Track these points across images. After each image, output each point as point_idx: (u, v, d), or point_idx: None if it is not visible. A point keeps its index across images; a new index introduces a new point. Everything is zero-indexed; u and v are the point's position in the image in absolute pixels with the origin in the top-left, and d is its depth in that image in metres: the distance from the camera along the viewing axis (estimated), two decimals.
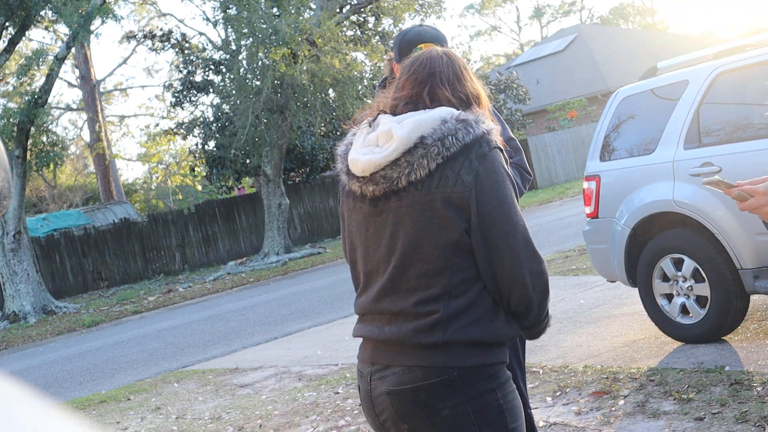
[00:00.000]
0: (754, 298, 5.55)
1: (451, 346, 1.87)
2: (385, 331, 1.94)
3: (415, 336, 1.89)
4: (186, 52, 21.80)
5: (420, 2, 20.93)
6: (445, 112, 1.93)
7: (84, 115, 32.15)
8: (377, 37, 21.26)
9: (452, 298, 1.88)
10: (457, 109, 1.96)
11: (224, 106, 20.24)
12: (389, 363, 1.92)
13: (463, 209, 1.87)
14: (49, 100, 19.05)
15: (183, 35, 22.12)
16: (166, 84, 23.22)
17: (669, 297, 5.18)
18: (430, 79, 2.02)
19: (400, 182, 1.89)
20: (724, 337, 4.99)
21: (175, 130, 23.50)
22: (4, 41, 15.62)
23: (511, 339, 1.97)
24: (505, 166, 1.92)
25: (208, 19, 21.05)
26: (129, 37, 24.86)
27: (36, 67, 15.64)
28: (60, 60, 15.98)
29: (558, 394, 4.53)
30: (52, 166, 16.73)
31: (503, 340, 1.95)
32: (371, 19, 21.49)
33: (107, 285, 20.06)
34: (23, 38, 17.15)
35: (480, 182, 1.86)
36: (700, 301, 5.00)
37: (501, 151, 1.94)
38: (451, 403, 1.87)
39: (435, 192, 1.87)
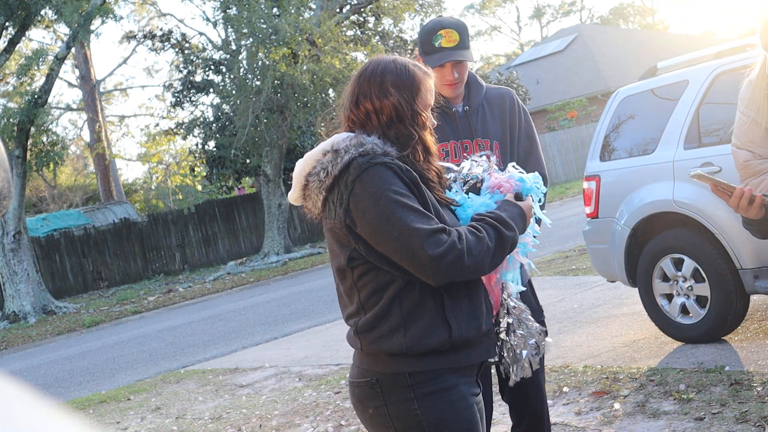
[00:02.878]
0: (754, 298, 5.55)
1: (372, 353, 2.02)
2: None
3: (350, 341, 2.12)
4: (186, 52, 21.80)
5: (420, 2, 20.93)
6: (330, 141, 2.05)
7: (84, 115, 32.15)
8: (377, 37, 21.25)
9: (365, 313, 2.02)
10: (366, 131, 2.04)
11: (224, 106, 20.25)
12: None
13: (343, 237, 1.99)
14: (49, 100, 19.05)
15: (183, 35, 22.12)
16: (166, 84, 23.22)
17: (669, 297, 5.18)
18: (347, 99, 2.13)
19: (313, 213, 2.07)
20: (724, 337, 4.99)
21: (175, 130, 23.49)
22: (4, 41, 15.62)
23: (441, 346, 1.97)
24: (380, 181, 1.93)
25: (208, 19, 21.07)
26: (129, 37, 24.87)
27: (36, 67, 15.65)
28: (60, 60, 15.98)
29: (558, 394, 4.53)
30: (52, 166, 16.73)
31: (423, 350, 1.97)
32: (371, 19, 21.49)
33: (107, 285, 20.05)
34: (23, 38, 17.16)
35: (353, 210, 1.94)
36: (700, 301, 5.00)
37: (383, 164, 1.95)
38: (374, 404, 2.03)
39: (326, 221, 2.03)
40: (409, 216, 1.91)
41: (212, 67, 21.16)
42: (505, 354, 2.24)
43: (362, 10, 20.24)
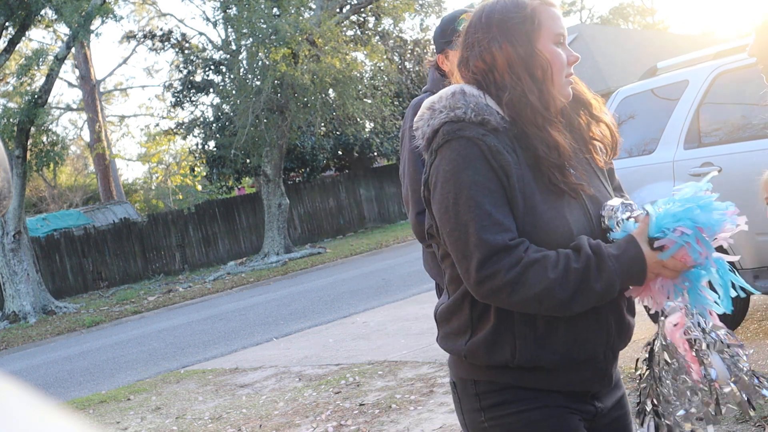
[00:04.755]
0: (754, 298, 5.55)
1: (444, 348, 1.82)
2: None
3: None
4: (186, 52, 21.81)
5: (420, 2, 20.92)
6: (438, 94, 1.74)
7: (84, 115, 32.15)
8: (377, 37, 21.25)
9: (448, 297, 1.77)
10: (483, 90, 1.71)
11: (224, 106, 20.25)
12: None
13: (427, 205, 1.75)
14: (49, 100, 19.06)
15: (183, 35, 22.13)
16: (166, 84, 23.23)
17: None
18: (461, 43, 1.79)
19: None
20: None
21: (175, 130, 23.51)
22: (4, 41, 15.61)
23: (502, 365, 1.67)
24: (457, 160, 1.63)
25: (208, 19, 21.06)
26: (129, 37, 24.88)
27: (36, 67, 15.63)
28: (60, 60, 15.97)
29: None
30: (52, 166, 16.73)
31: (480, 363, 1.70)
32: (371, 19, 21.49)
33: (107, 285, 20.05)
34: (23, 38, 17.16)
35: (429, 183, 1.70)
36: None
37: (469, 139, 1.63)
38: (457, 407, 1.83)
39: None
40: (475, 216, 1.60)
41: (212, 67, 21.17)
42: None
43: (362, 10, 20.24)
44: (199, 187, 32.13)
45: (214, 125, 21.27)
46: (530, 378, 1.69)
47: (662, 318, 1.73)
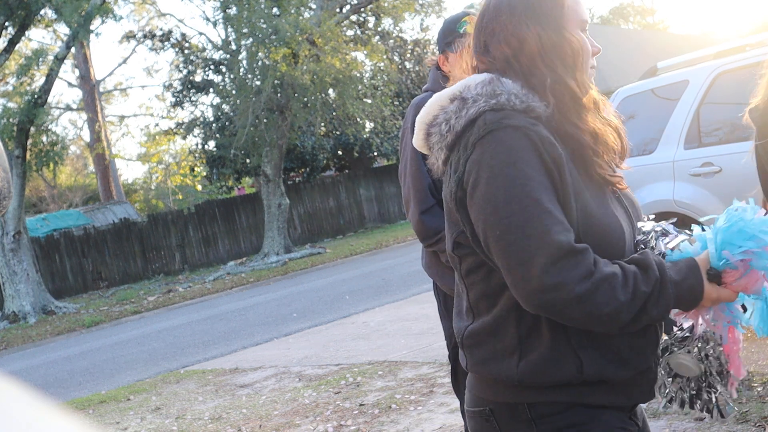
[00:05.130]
0: None
1: (481, 374, 1.57)
2: None
3: (460, 354, 1.64)
4: (186, 52, 21.81)
5: (420, 2, 20.92)
6: (462, 84, 1.56)
7: (84, 115, 32.15)
8: (377, 37, 21.25)
9: (473, 319, 1.56)
10: (507, 77, 1.53)
11: (224, 106, 20.26)
12: None
13: (453, 212, 1.54)
14: (49, 100, 19.05)
15: (183, 35, 22.13)
16: (166, 84, 23.25)
17: None
18: (477, 29, 1.61)
19: (437, 170, 1.61)
20: None
21: (175, 130, 23.51)
22: (3, 41, 15.61)
23: (567, 381, 1.49)
24: (506, 152, 1.44)
25: (208, 19, 21.08)
26: (129, 36, 24.88)
27: (36, 67, 15.63)
28: (60, 60, 15.97)
29: None
30: (51, 166, 16.72)
31: (542, 384, 1.49)
32: (371, 19, 21.50)
33: (107, 285, 20.05)
34: (23, 38, 17.15)
35: (466, 181, 1.48)
36: None
37: (517, 129, 1.45)
38: None
39: (444, 190, 1.58)
40: (535, 214, 1.41)
41: (212, 67, 21.17)
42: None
43: (362, 9, 20.24)
44: (199, 187, 32.13)
45: (214, 125, 21.27)
46: (593, 394, 1.51)
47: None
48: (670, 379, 1.62)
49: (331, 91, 18.09)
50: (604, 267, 1.41)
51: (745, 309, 1.57)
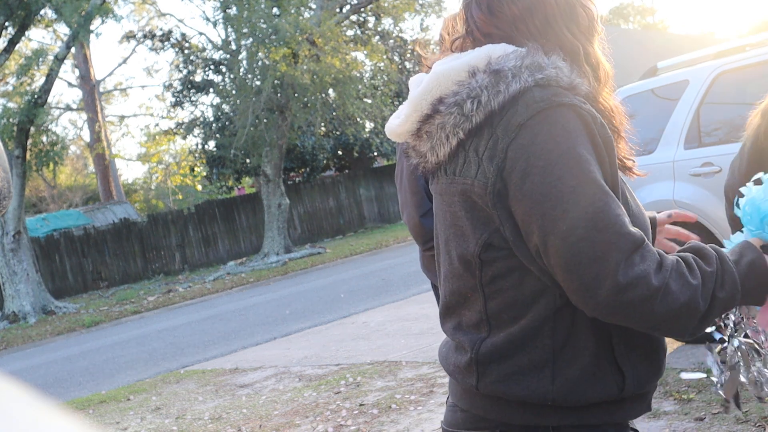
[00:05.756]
0: None
1: (495, 394, 1.36)
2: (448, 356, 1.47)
3: (455, 370, 1.42)
4: (186, 51, 21.81)
5: (420, 2, 20.92)
6: (481, 55, 1.31)
7: (84, 115, 32.15)
8: (377, 37, 21.25)
9: (489, 331, 1.35)
10: (515, 44, 1.32)
11: (224, 106, 20.26)
12: (450, 393, 1.49)
13: (483, 209, 1.31)
14: (49, 100, 19.05)
15: (183, 35, 22.14)
16: (166, 84, 23.24)
17: None
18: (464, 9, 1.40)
19: (428, 161, 1.38)
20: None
21: (175, 130, 23.52)
22: (3, 41, 15.61)
23: (607, 399, 1.33)
24: (565, 135, 1.23)
25: (208, 19, 21.06)
26: (129, 36, 24.89)
27: (36, 67, 15.64)
28: (60, 60, 15.97)
29: None
30: (51, 166, 16.73)
31: (578, 403, 1.32)
32: (371, 19, 21.50)
33: (107, 285, 20.05)
34: (23, 38, 17.15)
35: (509, 171, 1.25)
36: None
37: (571, 107, 1.25)
38: None
39: (457, 181, 1.33)
40: (605, 205, 1.21)
41: (212, 67, 21.17)
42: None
43: (362, 9, 20.25)
44: (199, 187, 32.13)
45: (214, 125, 21.27)
46: (621, 409, 1.36)
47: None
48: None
49: (331, 91, 18.09)
50: (665, 256, 1.26)
51: None
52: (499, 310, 1.33)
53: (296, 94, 17.59)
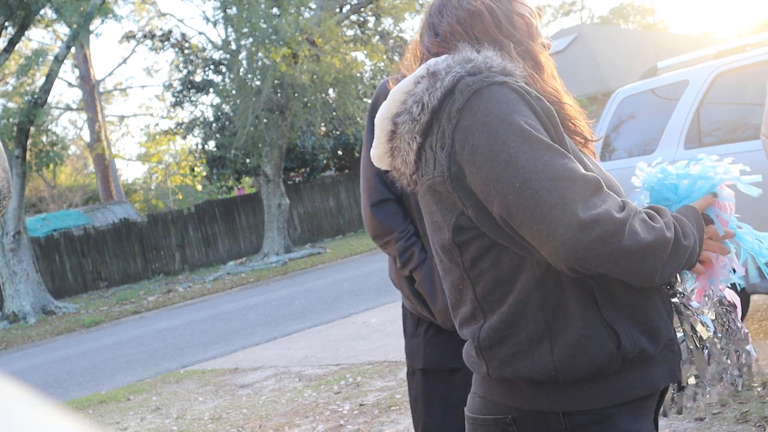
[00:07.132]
0: (754, 298, 5.54)
1: (505, 379, 1.41)
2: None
3: (471, 363, 1.48)
4: (186, 51, 21.81)
5: (420, 2, 20.91)
6: (424, 65, 1.44)
7: (84, 115, 32.16)
8: (377, 37, 21.24)
9: (484, 317, 1.41)
10: (450, 53, 1.44)
11: (224, 106, 20.25)
12: (473, 383, 1.54)
13: (447, 196, 1.39)
14: (49, 100, 19.06)
15: (183, 35, 22.13)
16: (166, 84, 23.23)
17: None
18: (426, 16, 1.56)
19: (404, 174, 1.48)
20: None
21: (175, 130, 23.51)
22: (3, 41, 15.61)
23: (609, 363, 1.34)
24: (498, 105, 1.32)
25: (208, 19, 21.05)
26: (129, 36, 24.88)
27: (36, 67, 15.64)
28: (60, 60, 15.97)
29: None
30: (51, 166, 16.74)
31: (582, 372, 1.34)
32: (371, 19, 21.48)
33: (107, 285, 20.05)
34: (23, 38, 17.15)
35: (459, 152, 1.34)
36: None
37: (503, 84, 1.34)
38: None
39: (423, 181, 1.43)
40: (553, 156, 1.28)
41: (212, 67, 21.17)
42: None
43: (362, 9, 20.24)
44: (199, 187, 32.12)
45: (214, 125, 21.27)
46: (632, 384, 1.37)
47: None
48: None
49: (331, 91, 18.09)
50: (628, 201, 1.34)
51: (734, 270, 1.54)
52: (486, 293, 1.39)
53: (296, 94, 17.59)
